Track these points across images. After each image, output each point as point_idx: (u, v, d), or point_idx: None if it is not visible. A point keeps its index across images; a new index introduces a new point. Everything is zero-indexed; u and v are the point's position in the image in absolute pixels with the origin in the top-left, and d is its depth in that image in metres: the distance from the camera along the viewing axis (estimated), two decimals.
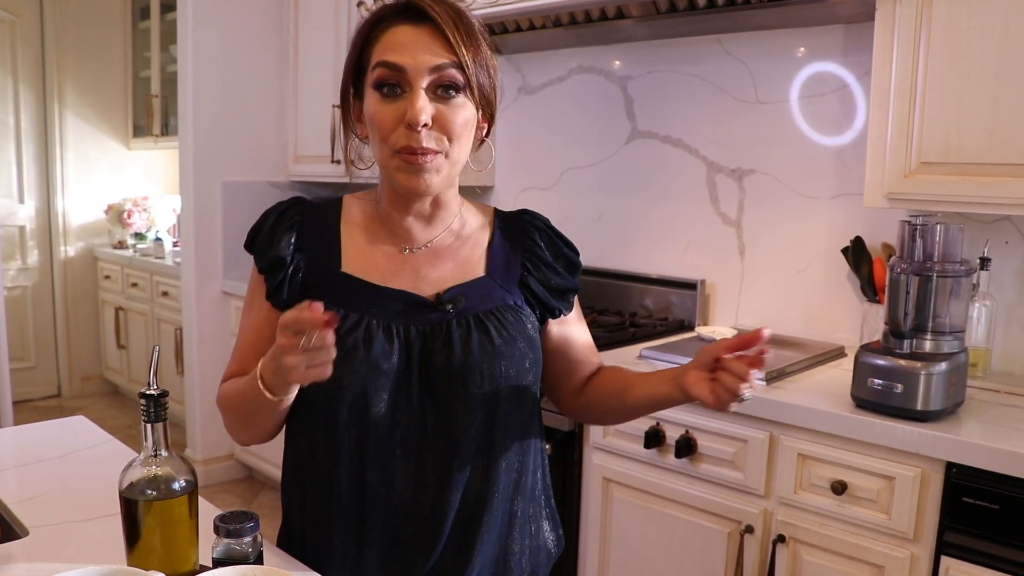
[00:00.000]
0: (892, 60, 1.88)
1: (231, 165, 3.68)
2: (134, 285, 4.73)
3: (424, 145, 1.01)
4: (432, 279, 1.13)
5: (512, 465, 1.14)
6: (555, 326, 1.23)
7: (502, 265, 1.16)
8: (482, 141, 1.14)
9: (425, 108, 1.00)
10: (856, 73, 2.28)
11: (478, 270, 1.15)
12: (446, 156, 1.04)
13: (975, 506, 1.58)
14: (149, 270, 4.58)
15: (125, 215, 4.93)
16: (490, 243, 1.18)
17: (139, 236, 4.98)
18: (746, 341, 1.00)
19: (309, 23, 3.61)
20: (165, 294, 4.42)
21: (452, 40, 1.02)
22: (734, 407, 1.02)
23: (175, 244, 4.73)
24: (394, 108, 1.02)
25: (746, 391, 0.99)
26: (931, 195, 1.86)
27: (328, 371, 0.91)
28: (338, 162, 3.46)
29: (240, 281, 3.67)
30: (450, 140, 1.04)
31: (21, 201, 4.89)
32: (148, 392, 0.91)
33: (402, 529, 1.09)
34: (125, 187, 5.19)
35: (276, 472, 3.56)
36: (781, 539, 1.83)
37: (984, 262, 1.99)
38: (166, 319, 4.43)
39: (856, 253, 2.26)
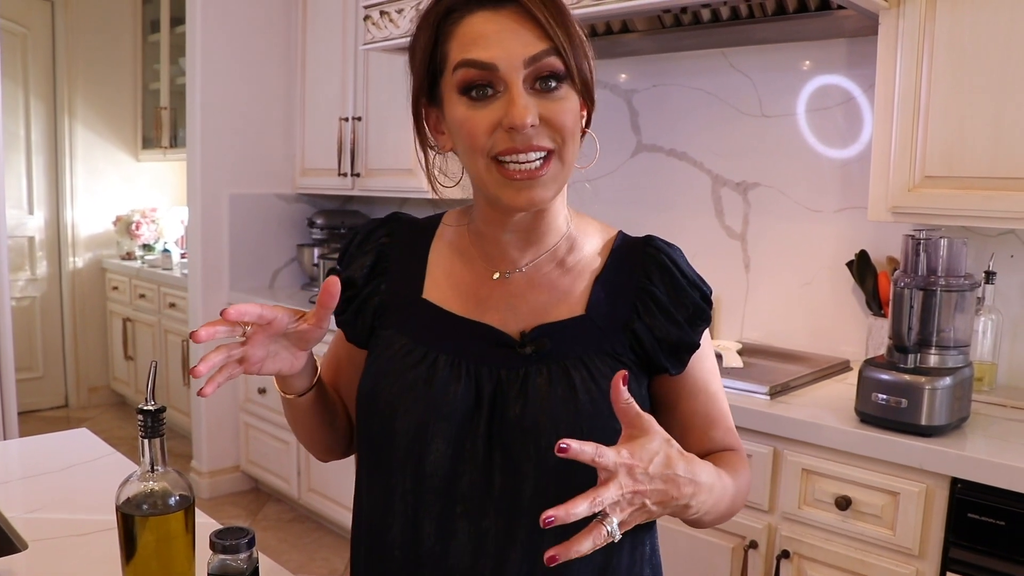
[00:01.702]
0: (895, 74, 1.88)
1: (238, 177, 3.69)
2: (142, 296, 4.75)
3: (535, 143, 0.86)
4: (522, 312, 0.96)
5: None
6: (664, 386, 1.00)
7: (606, 302, 0.97)
8: (583, 132, 0.95)
9: (529, 106, 0.85)
10: (862, 86, 2.28)
11: (578, 307, 0.96)
12: (560, 158, 0.88)
13: (981, 522, 1.57)
14: (157, 281, 4.59)
15: (133, 226, 4.96)
16: (598, 275, 0.99)
17: (147, 247, 5.00)
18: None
19: (317, 37, 3.63)
20: (172, 305, 4.43)
21: (543, 22, 0.86)
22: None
23: (183, 256, 4.75)
24: (488, 113, 0.86)
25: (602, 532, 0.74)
26: (935, 209, 1.85)
27: (242, 364, 0.86)
28: (345, 175, 3.47)
29: (246, 293, 3.68)
30: (563, 138, 0.88)
31: (31, 212, 4.92)
32: (146, 408, 0.91)
33: None
34: (134, 199, 5.21)
35: (282, 484, 3.56)
36: (785, 555, 1.82)
37: (989, 276, 1.98)
38: (173, 330, 4.45)
39: (861, 267, 2.25)
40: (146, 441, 0.92)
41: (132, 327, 4.87)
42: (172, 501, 0.92)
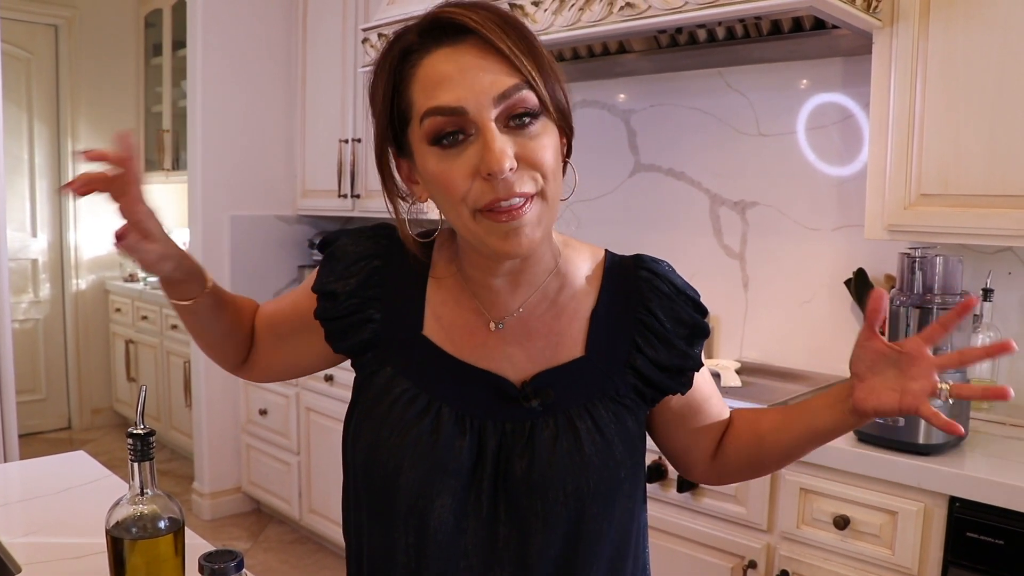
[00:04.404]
0: (890, 93, 1.89)
1: (239, 199, 3.71)
2: (144, 318, 4.76)
3: (518, 190, 0.80)
4: (518, 361, 0.92)
5: None
6: (674, 397, 1.00)
7: (606, 341, 0.94)
8: (565, 164, 0.89)
9: (505, 149, 0.79)
10: (860, 103, 2.29)
11: (575, 349, 0.93)
12: (543, 198, 0.82)
13: (979, 541, 1.56)
14: (159, 303, 4.60)
15: None
16: (593, 310, 0.95)
17: None
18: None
19: (317, 59, 3.66)
20: (174, 327, 4.44)
21: (509, 53, 0.80)
22: (936, 405, 0.87)
23: None
24: (462, 162, 0.80)
25: (942, 385, 0.86)
26: (931, 227, 1.85)
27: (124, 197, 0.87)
28: (345, 196, 3.49)
29: None
30: (544, 177, 0.81)
31: (34, 235, 4.94)
32: (135, 432, 0.91)
33: None
34: None
35: (283, 505, 3.55)
36: (784, 574, 1.81)
37: (987, 293, 1.98)
38: (175, 352, 4.45)
39: (859, 285, 2.25)
40: (136, 464, 0.92)
41: (135, 349, 4.88)
42: (162, 524, 0.92)
